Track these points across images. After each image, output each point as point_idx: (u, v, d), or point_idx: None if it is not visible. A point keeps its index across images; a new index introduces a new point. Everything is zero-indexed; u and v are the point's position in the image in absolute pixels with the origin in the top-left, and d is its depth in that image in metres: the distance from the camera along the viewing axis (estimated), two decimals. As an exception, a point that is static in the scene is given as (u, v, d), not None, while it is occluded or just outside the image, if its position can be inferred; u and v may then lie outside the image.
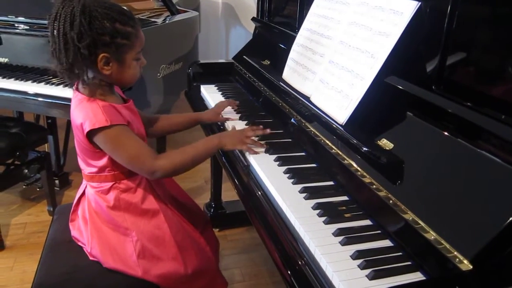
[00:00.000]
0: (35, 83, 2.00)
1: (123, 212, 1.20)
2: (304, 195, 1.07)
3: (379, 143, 1.04)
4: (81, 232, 1.25)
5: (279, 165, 1.21)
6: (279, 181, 1.14)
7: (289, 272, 0.90)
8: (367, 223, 0.98)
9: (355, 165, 1.05)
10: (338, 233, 0.92)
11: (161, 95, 2.36)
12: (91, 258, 1.22)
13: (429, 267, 0.81)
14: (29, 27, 2.09)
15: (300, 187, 1.10)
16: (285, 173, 1.17)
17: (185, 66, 2.38)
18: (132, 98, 1.27)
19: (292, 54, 1.52)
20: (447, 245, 0.77)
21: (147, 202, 1.22)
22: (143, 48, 1.16)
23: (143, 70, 1.21)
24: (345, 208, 1.03)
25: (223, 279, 1.45)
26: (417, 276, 0.82)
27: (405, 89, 1.05)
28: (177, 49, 2.50)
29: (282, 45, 1.75)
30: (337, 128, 1.14)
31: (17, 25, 2.10)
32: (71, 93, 1.19)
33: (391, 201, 0.91)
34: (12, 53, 2.13)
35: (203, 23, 3.55)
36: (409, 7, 1.04)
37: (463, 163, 0.88)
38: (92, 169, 1.20)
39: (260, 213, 1.10)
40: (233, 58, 2.06)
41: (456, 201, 0.83)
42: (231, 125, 1.51)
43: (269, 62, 1.78)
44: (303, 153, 1.30)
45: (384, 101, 1.09)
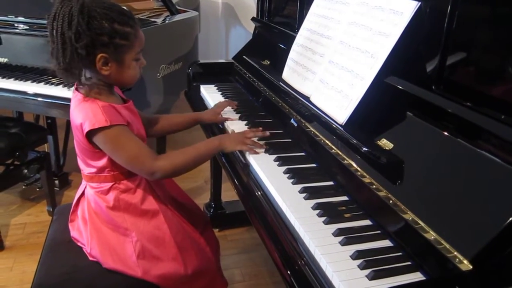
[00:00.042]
0: (35, 83, 2.00)
1: (123, 212, 1.19)
2: (304, 195, 1.07)
3: (379, 143, 1.04)
4: (80, 232, 1.25)
5: (279, 165, 1.21)
6: (279, 181, 1.14)
7: (289, 272, 0.90)
8: (367, 223, 0.97)
9: (355, 165, 1.05)
10: (338, 233, 0.92)
11: (161, 95, 2.35)
12: (90, 258, 1.22)
13: (429, 267, 0.81)
14: (28, 27, 2.08)
15: (300, 187, 1.10)
16: (285, 173, 1.17)
17: (185, 66, 2.38)
18: (131, 98, 1.27)
19: (292, 54, 1.52)
20: (447, 245, 0.77)
21: (146, 202, 1.22)
22: (142, 48, 1.15)
23: (143, 70, 1.21)
24: (345, 208, 1.03)
25: (223, 279, 1.45)
26: (417, 276, 0.82)
27: (405, 89, 1.05)
28: (177, 49, 2.50)
29: (282, 45, 1.75)
30: (337, 128, 1.14)
31: (16, 25, 2.10)
32: (71, 93, 1.19)
33: (391, 201, 0.91)
34: (11, 53, 2.13)
35: (203, 23, 3.55)
36: (409, 7, 1.04)
37: (463, 163, 0.87)
38: (91, 170, 1.19)
39: (260, 213, 1.09)
40: (233, 58, 2.06)
41: (456, 201, 0.83)
42: (230, 125, 1.51)
43: (269, 62, 1.78)
44: (303, 153, 1.30)
45: (384, 101, 1.09)
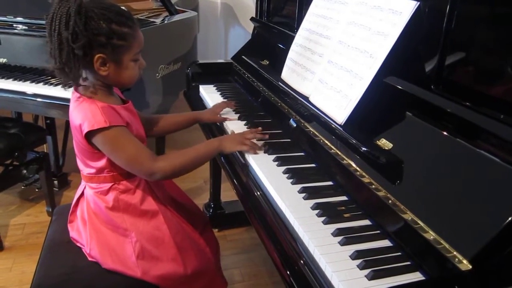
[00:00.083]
0: (34, 84, 2.00)
1: (122, 213, 1.19)
2: (303, 195, 1.07)
3: (378, 143, 1.04)
4: (80, 233, 1.25)
5: (278, 165, 1.21)
6: (278, 181, 1.14)
7: (288, 272, 0.90)
8: (366, 223, 0.97)
9: (354, 165, 1.05)
10: (337, 233, 0.92)
11: (160, 95, 2.35)
12: (90, 258, 1.22)
13: (429, 267, 0.81)
14: (27, 27, 2.08)
15: (299, 187, 1.10)
16: (284, 173, 1.17)
17: (184, 66, 2.37)
18: (130, 98, 1.27)
19: (291, 54, 1.52)
20: (446, 245, 0.77)
21: (146, 203, 1.22)
22: (142, 49, 1.15)
23: (142, 70, 1.20)
24: (344, 208, 1.03)
25: (223, 279, 1.45)
26: (417, 276, 0.82)
27: (404, 89, 1.05)
28: (176, 49, 2.50)
29: (281, 45, 1.75)
30: (336, 128, 1.14)
31: (15, 25, 2.10)
32: (70, 94, 1.18)
33: (390, 201, 0.91)
34: (10, 54, 2.12)
35: (202, 23, 3.55)
36: (408, 7, 1.04)
37: (462, 163, 0.87)
38: (90, 170, 1.19)
39: (259, 213, 1.09)
40: (232, 58, 2.06)
41: (455, 201, 0.83)
42: (229, 124, 1.51)
43: (268, 62, 1.78)
44: (302, 153, 1.30)
45: (383, 101, 1.09)
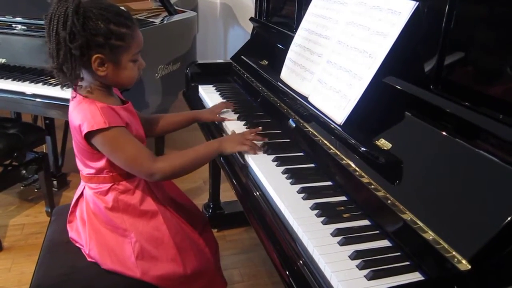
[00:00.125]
0: (33, 84, 2.00)
1: (122, 213, 1.19)
2: (302, 195, 1.07)
3: (377, 143, 1.04)
4: (79, 233, 1.25)
5: (277, 165, 1.21)
6: (277, 181, 1.14)
7: (288, 272, 0.90)
8: (366, 223, 0.97)
9: (353, 165, 1.05)
10: (336, 233, 0.92)
11: (159, 95, 2.35)
12: (89, 259, 1.21)
13: (428, 267, 0.81)
14: (26, 28, 2.08)
15: (298, 187, 1.10)
16: (283, 173, 1.17)
17: (183, 66, 2.37)
18: (130, 99, 1.27)
19: (290, 54, 1.52)
20: (445, 245, 0.77)
21: (145, 203, 1.22)
22: (141, 49, 1.15)
23: (141, 70, 1.20)
24: (344, 208, 1.03)
25: (223, 279, 1.45)
26: (416, 276, 0.82)
27: (403, 89, 1.05)
28: (175, 49, 2.50)
29: (280, 45, 1.75)
30: (335, 128, 1.14)
31: (14, 26, 2.09)
32: (69, 94, 1.18)
33: (390, 201, 0.91)
34: (9, 54, 2.12)
35: (201, 23, 3.55)
36: (407, 7, 1.04)
37: (461, 163, 0.87)
38: (90, 170, 1.19)
39: (258, 214, 1.09)
40: (231, 58, 2.06)
41: (454, 201, 0.83)
42: (229, 124, 1.51)
43: (267, 62, 1.78)
44: (302, 153, 1.30)
45: (382, 101, 1.09)
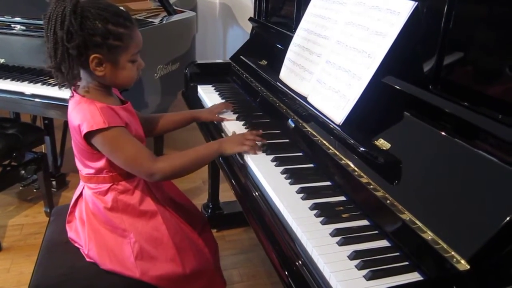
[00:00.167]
0: (32, 84, 2.00)
1: (121, 213, 1.19)
2: (301, 195, 1.07)
3: (376, 143, 1.04)
4: (78, 233, 1.25)
5: (276, 166, 1.21)
6: (276, 181, 1.14)
7: (287, 272, 0.90)
8: (365, 223, 0.97)
9: (352, 165, 1.05)
10: (335, 234, 0.92)
11: (158, 95, 2.35)
12: (88, 259, 1.21)
13: (427, 267, 0.81)
14: (25, 28, 2.08)
15: (297, 187, 1.10)
16: (282, 173, 1.17)
17: (182, 66, 2.38)
18: (129, 98, 1.27)
19: (289, 54, 1.52)
20: (444, 245, 0.77)
21: (145, 203, 1.22)
22: (140, 50, 1.15)
23: (141, 71, 1.20)
24: (343, 208, 1.03)
25: (222, 279, 1.45)
26: (415, 276, 0.82)
27: (402, 89, 1.05)
28: (174, 49, 2.50)
29: (279, 45, 1.75)
30: (334, 128, 1.14)
31: (13, 26, 2.09)
32: (68, 94, 1.18)
33: (389, 201, 0.91)
34: (8, 54, 2.12)
35: (201, 23, 3.55)
36: (406, 7, 1.04)
37: (460, 163, 0.87)
38: (89, 171, 1.19)
39: (257, 214, 1.09)
40: (230, 58, 2.06)
41: (453, 201, 0.83)
42: (228, 124, 1.51)
43: (266, 62, 1.78)
44: (301, 154, 1.30)
45: (381, 101, 1.09)
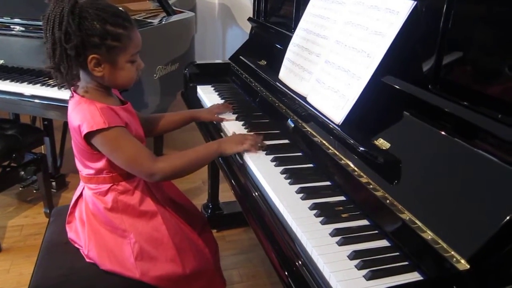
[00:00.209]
0: (31, 85, 1.99)
1: (121, 214, 1.19)
2: (301, 195, 1.07)
3: (376, 142, 1.04)
4: (78, 234, 1.25)
5: (276, 166, 1.21)
6: (276, 181, 1.13)
7: (287, 273, 0.90)
8: (364, 223, 0.97)
9: (352, 165, 1.05)
10: (335, 234, 0.92)
11: (158, 96, 2.35)
12: (87, 260, 1.21)
13: (427, 267, 0.81)
14: (24, 29, 2.08)
15: (297, 187, 1.10)
16: (282, 173, 1.17)
17: (182, 66, 2.37)
18: (128, 99, 1.27)
19: (288, 54, 1.52)
20: (444, 244, 0.77)
21: (145, 204, 1.21)
22: (139, 50, 1.15)
23: (140, 71, 1.20)
24: (342, 208, 1.03)
25: (222, 279, 1.45)
26: (415, 276, 0.82)
27: (401, 88, 1.05)
28: (174, 50, 2.50)
29: (278, 45, 1.75)
30: (334, 128, 1.14)
31: (12, 27, 2.09)
32: (67, 95, 1.18)
33: (388, 201, 0.91)
34: (7, 55, 2.12)
35: (200, 24, 3.55)
36: (405, 6, 1.04)
37: (460, 163, 0.87)
38: (89, 171, 1.19)
39: (257, 214, 1.09)
40: (229, 58, 2.05)
41: (453, 200, 0.83)
42: (227, 124, 1.51)
43: (265, 62, 1.78)
44: (300, 154, 1.30)
45: (380, 101, 1.09)
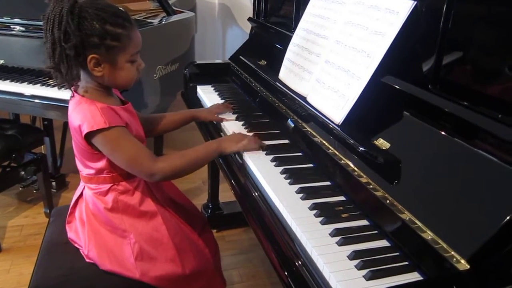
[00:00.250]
0: (31, 85, 1.99)
1: (121, 214, 1.19)
2: (301, 195, 1.07)
3: (376, 142, 1.04)
4: (78, 233, 1.25)
5: (276, 166, 1.21)
6: (275, 181, 1.13)
7: (286, 273, 0.90)
8: (364, 223, 0.97)
9: (352, 165, 1.05)
10: (335, 234, 0.92)
11: (158, 96, 2.35)
12: (87, 260, 1.21)
13: (426, 267, 0.81)
14: (25, 29, 2.08)
15: (297, 187, 1.10)
16: (282, 173, 1.17)
17: (182, 66, 2.37)
18: (128, 99, 1.26)
19: (288, 54, 1.52)
20: (444, 244, 0.77)
21: (145, 204, 1.21)
22: (139, 50, 1.15)
23: (140, 71, 1.20)
24: (342, 208, 1.02)
25: (222, 279, 1.45)
26: (414, 276, 0.81)
27: (401, 88, 1.04)
28: (174, 50, 2.50)
29: (278, 45, 1.75)
30: (334, 128, 1.14)
31: (12, 27, 2.09)
32: (68, 95, 1.18)
33: (388, 201, 0.91)
34: (8, 55, 2.12)
35: (200, 24, 3.55)
36: (405, 6, 1.04)
37: (460, 163, 0.87)
38: (90, 171, 1.19)
39: (257, 214, 1.09)
40: (229, 58, 2.05)
41: (453, 200, 0.83)
42: (227, 124, 1.51)
43: (265, 62, 1.78)
44: (300, 153, 1.30)
45: (380, 101, 1.09)
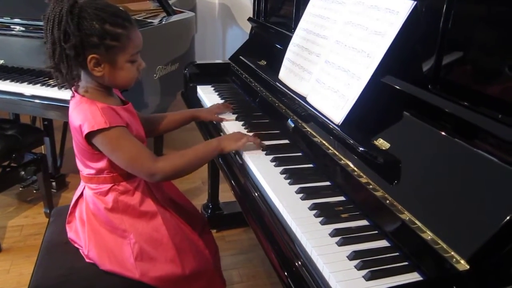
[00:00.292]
0: (31, 85, 1.99)
1: (121, 214, 1.19)
2: (300, 195, 1.07)
3: (376, 143, 1.04)
4: (78, 234, 1.25)
5: (276, 166, 1.21)
6: (275, 181, 1.13)
7: (286, 273, 0.90)
8: (364, 223, 0.97)
9: (351, 165, 1.05)
10: (335, 234, 0.92)
11: (158, 96, 2.35)
12: (87, 260, 1.21)
13: (426, 267, 0.81)
14: (25, 29, 2.08)
15: (296, 187, 1.10)
16: (282, 173, 1.17)
17: (182, 66, 2.37)
18: (128, 99, 1.26)
19: (288, 54, 1.52)
20: (444, 245, 0.77)
21: (145, 204, 1.21)
22: (139, 50, 1.15)
23: (140, 71, 1.20)
24: (342, 208, 1.02)
25: (222, 280, 1.45)
26: (414, 276, 0.81)
27: (401, 88, 1.04)
28: (174, 50, 2.50)
29: (278, 45, 1.74)
30: (334, 128, 1.14)
31: (12, 27, 2.09)
32: (68, 95, 1.18)
33: (388, 201, 0.91)
34: (8, 55, 2.12)
35: (200, 24, 3.55)
36: (405, 6, 1.04)
37: (459, 163, 0.87)
38: (90, 171, 1.19)
39: (256, 214, 1.09)
40: (229, 58, 2.05)
41: (453, 200, 0.83)
42: (227, 124, 1.51)
43: (265, 62, 1.78)
44: (300, 154, 1.30)
45: (380, 101, 1.09)
